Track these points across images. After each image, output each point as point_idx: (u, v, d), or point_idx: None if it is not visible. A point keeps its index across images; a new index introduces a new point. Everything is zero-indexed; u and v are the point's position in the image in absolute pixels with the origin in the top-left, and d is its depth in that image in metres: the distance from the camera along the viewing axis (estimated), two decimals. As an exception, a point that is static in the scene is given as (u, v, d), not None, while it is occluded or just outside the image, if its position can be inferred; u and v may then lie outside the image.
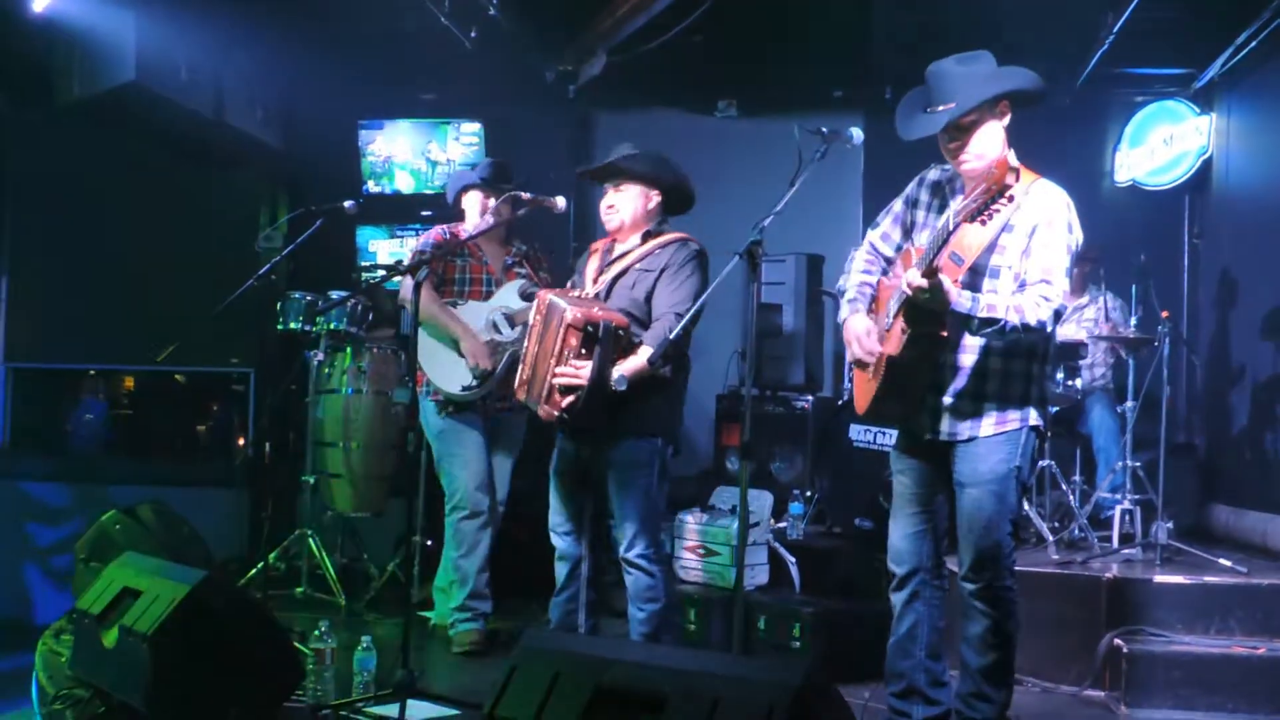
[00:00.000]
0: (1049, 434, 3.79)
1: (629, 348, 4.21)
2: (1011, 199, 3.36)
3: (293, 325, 6.30)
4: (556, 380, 4.16)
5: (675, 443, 4.43)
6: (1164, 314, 5.84)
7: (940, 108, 3.67)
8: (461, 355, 5.20)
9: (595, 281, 4.47)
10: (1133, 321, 5.88)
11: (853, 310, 3.94)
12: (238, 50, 7.09)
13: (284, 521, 6.53)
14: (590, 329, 4.11)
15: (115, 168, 7.83)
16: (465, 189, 5.49)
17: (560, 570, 4.58)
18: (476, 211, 5.40)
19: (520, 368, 4.45)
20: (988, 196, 3.32)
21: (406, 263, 5.33)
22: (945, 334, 3.62)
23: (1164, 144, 7.44)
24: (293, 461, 6.77)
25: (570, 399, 4.16)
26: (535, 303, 4.41)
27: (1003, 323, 3.48)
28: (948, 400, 3.73)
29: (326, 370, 6.33)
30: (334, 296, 6.34)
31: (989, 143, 3.66)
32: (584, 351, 4.12)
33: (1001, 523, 3.69)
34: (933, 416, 3.75)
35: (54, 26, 6.08)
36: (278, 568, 6.16)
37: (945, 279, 3.43)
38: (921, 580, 3.87)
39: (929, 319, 3.56)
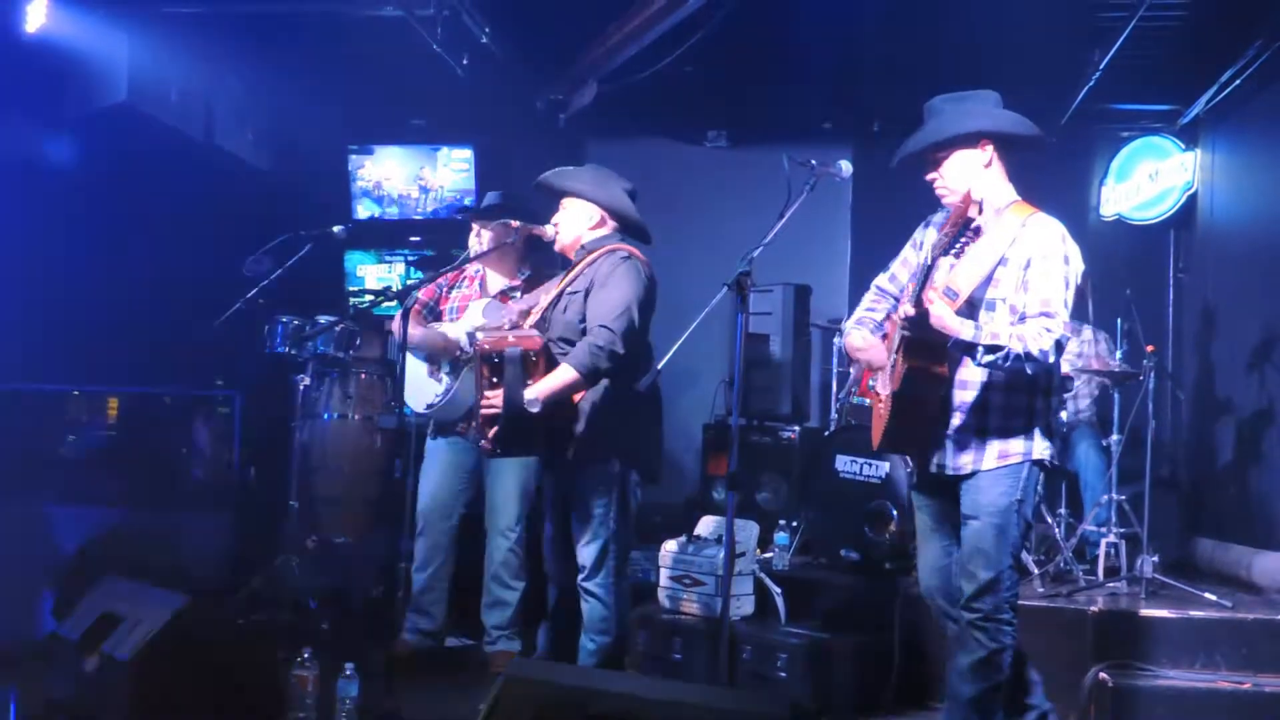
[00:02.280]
0: (1051, 466, 3.81)
1: (551, 368, 4.16)
2: (978, 231, 3.46)
3: (280, 349, 6.28)
4: (482, 412, 4.18)
5: (640, 467, 4.37)
6: (1149, 348, 5.87)
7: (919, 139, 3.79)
8: (430, 375, 5.23)
9: (540, 312, 4.46)
10: (1118, 355, 5.91)
11: (856, 328, 4.02)
12: (229, 73, 7.10)
13: (268, 546, 6.49)
14: (495, 359, 4.11)
15: (104, 187, 7.81)
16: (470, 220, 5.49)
17: (551, 596, 4.57)
18: (474, 242, 5.41)
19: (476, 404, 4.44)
20: (955, 230, 3.42)
21: (395, 290, 5.35)
22: (944, 369, 3.66)
23: (1149, 179, 7.50)
24: (277, 486, 6.73)
25: (494, 430, 4.15)
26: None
27: (1006, 351, 3.51)
28: (951, 435, 3.77)
29: (313, 395, 6.31)
30: (321, 321, 6.33)
31: (960, 176, 3.73)
32: (494, 380, 4.12)
33: (1001, 555, 3.71)
34: (940, 452, 3.80)
35: (46, 46, 6.07)
36: (261, 593, 6.11)
37: (939, 307, 3.50)
38: (945, 613, 3.95)
39: (928, 352, 3.61)
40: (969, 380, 3.73)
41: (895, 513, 5.58)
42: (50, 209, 7.99)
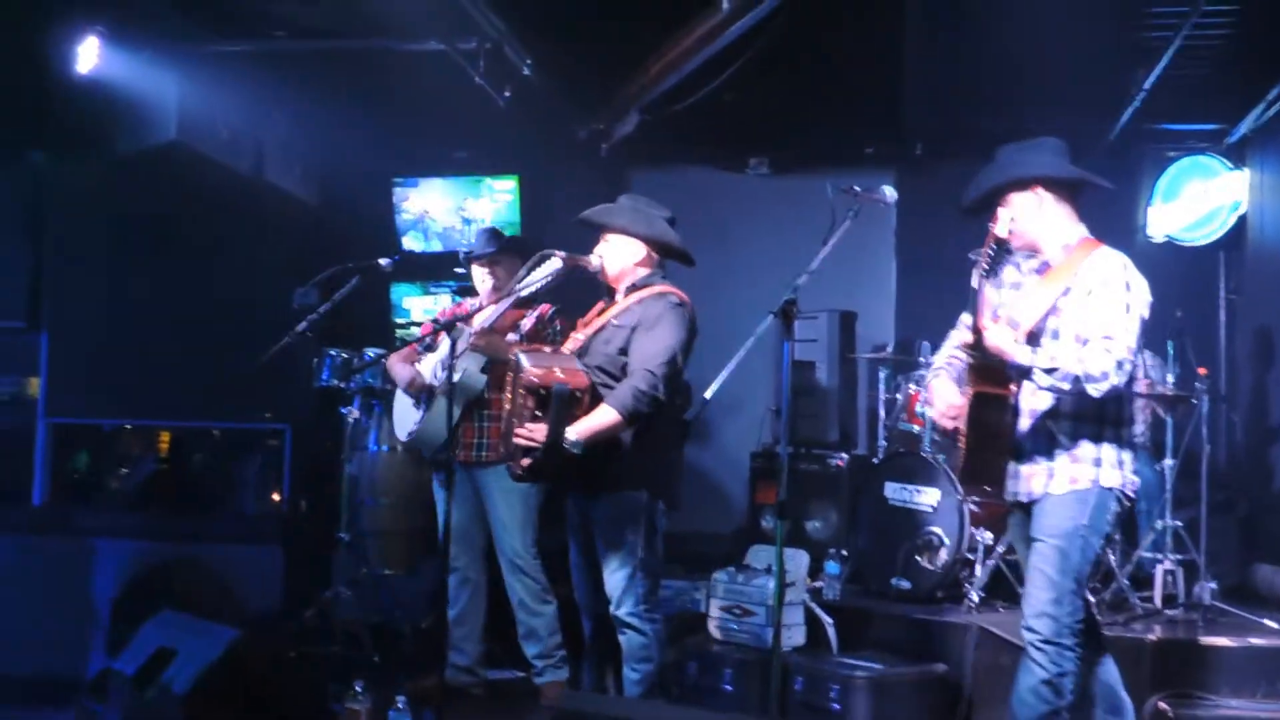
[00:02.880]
0: (1131, 501, 3.82)
1: (593, 407, 4.15)
2: (1045, 266, 3.67)
3: (328, 382, 6.33)
4: (517, 440, 4.14)
5: (667, 497, 4.34)
6: (1201, 371, 5.79)
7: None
8: (415, 409, 5.33)
9: (574, 340, 4.46)
10: (1170, 379, 5.83)
11: (934, 375, 4.04)
12: (277, 109, 7.19)
13: (318, 579, 6.52)
14: (542, 392, 4.07)
15: (157, 224, 7.92)
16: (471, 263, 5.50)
17: (586, 628, 4.56)
18: (478, 283, 5.41)
19: (502, 424, 4.42)
20: (990, 253, 3.62)
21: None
22: (1007, 392, 3.71)
23: (1197, 199, 7.41)
24: (327, 518, 6.77)
25: (528, 460, 4.14)
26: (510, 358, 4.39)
27: (1063, 371, 3.57)
28: (1022, 463, 3.83)
29: (361, 427, 6.35)
30: (369, 354, 6.36)
31: (1022, 220, 3.81)
32: (539, 414, 4.09)
33: (1062, 579, 3.70)
34: (1014, 480, 3.86)
35: (98, 86, 6.18)
36: (311, 625, 6.13)
37: (995, 331, 3.62)
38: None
39: (991, 377, 3.69)
40: (1038, 409, 3.78)
41: (946, 541, 5.52)
42: (101, 245, 8.13)
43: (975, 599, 5.36)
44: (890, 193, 4.09)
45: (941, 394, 3.92)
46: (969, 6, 6.03)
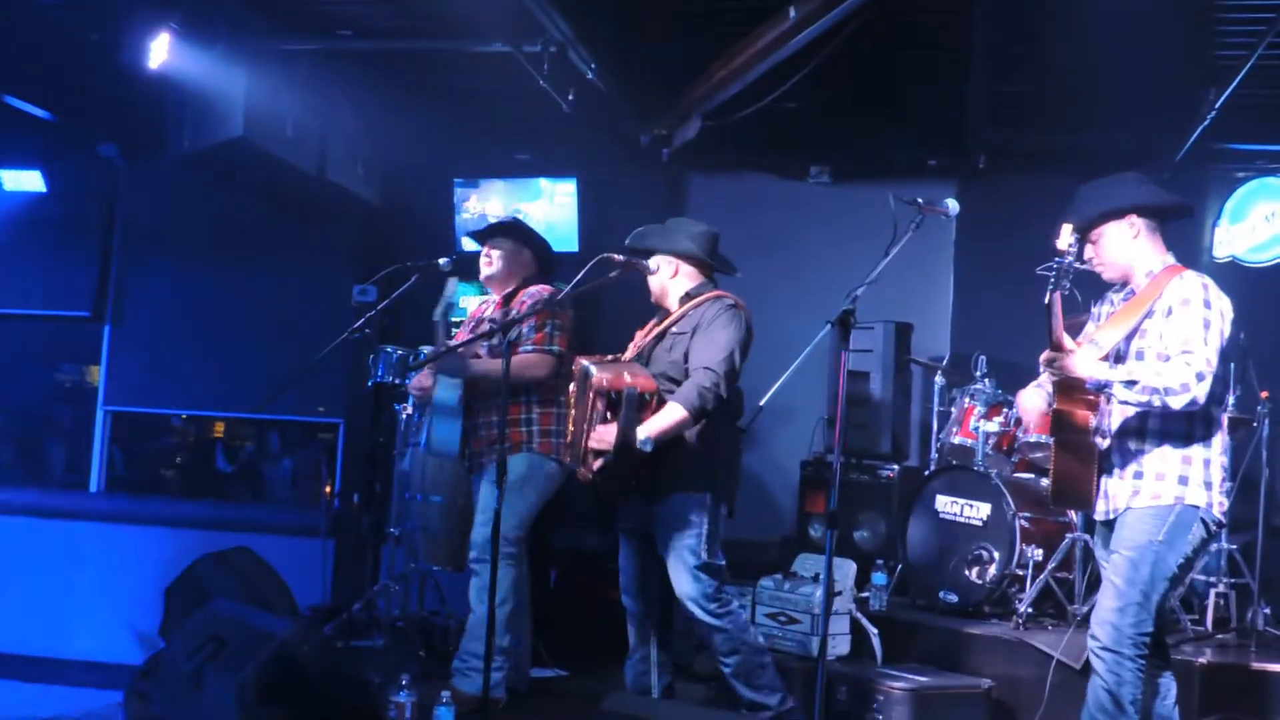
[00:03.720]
0: (1220, 525, 3.82)
1: (660, 408, 4.25)
2: (1131, 293, 3.80)
3: (384, 379, 6.38)
4: (590, 444, 4.26)
5: (726, 500, 4.44)
6: (1263, 394, 5.71)
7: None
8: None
9: (635, 349, 4.59)
10: (1230, 401, 5.75)
11: (1032, 388, 4.17)
12: (341, 108, 7.27)
13: (368, 572, 6.59)
14: (613, 395, 4.19)
15: (220, 219, 8.05)
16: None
17: (630, 631, 4.60)
18: (481, 266, 5.37)
19: (570, 432, 4.54)
20: (1061, 269, 3.67)
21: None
22: (1088, 408, 3.78)
23: (1266, 220, 7.30)
24: (378, 513, 6.83)
25: (600, 462, 4.24)
26: (576, 368, 4.51)
27: (1141, 384, 3.61)
28: (1108, 479, 3.88)
29: (415, 424, 6.40)
30: (425, 352, 6.41)
31: (1114, 250, 3.92)
32: (609, 416, 4.21)
33: (1129, 589, 3.72)
34: (1102, 499, 3.91)
35: (168, 82, 6.28)
36: (361, 618, 6.20)
37: (1071, 349, 3.69)
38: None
39: (1073, 392, 3.76)
40: (1126, 428, 3.83)
41: (996, 556, 5.48)
42: (166, 239, 8.27)
43: (1023, 615, 5.31)
44: (953, 205, 4.08)
45: (1026, 401, 4.12)
46: (1037, 21, 5.98)
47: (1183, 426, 3.76)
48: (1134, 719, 3.73)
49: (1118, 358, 3.81)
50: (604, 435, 4.21)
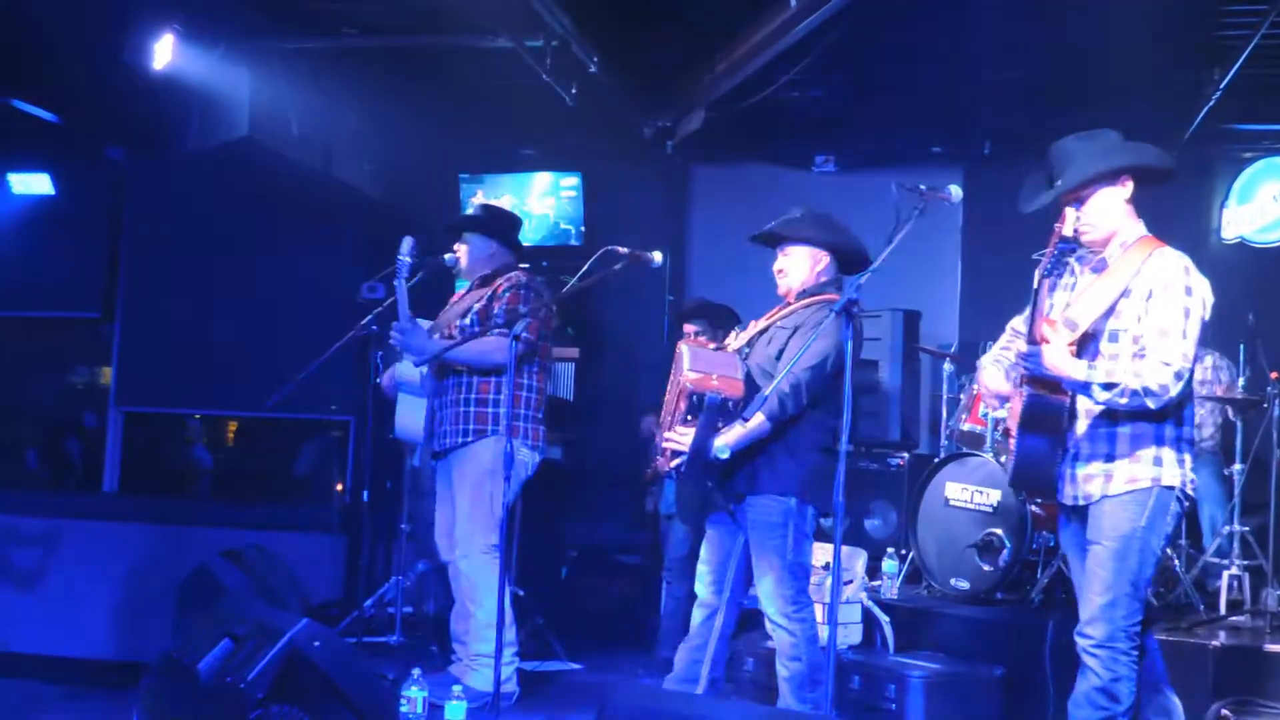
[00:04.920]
0: (1190, 500, 3.74)
1: (741, 409, 4.17)
2: (1103, 264, 3.51)
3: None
4: (666, 442, 4.25)
5: (817, 502, 4.34)
6: (1273, 374, 5.69)
7: (1057, 183, 3.74)
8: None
9: (739, 338, 4.52)
10: (1240, 382, 5.74)
11: (992, 364, 3.97)
12: (346, 106, 7.29)
13: (380, 568, 6.60)
14: (695, 398, 4.15)
15: (227, 219, 8.08)
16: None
17: (695, 617, 4.57)
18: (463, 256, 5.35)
19: (665, 414, 4.47)
20: (1055, 251, 3.51)
21: None
22: (1064, 395, 3.63)
23: (1273, 201, 7.30)
24: (389, 508, 6.85)
25: (675, 461, 4.24)
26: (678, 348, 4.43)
27: (1122, 388, 3.48)
28: (1079, 465, 3.72)
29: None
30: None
31: (1105, 213, 3.70)
32: (689, 417, 4.18)
33: (1119, 582, 3.62)
34: (1070, 483, 3.75)
35: (173, 83, 6.30)
36: (373, 614, 6.22)
37: (1052, 348, 3.53)
38: None
39: (1047, 382, 3.60)
40: (1094, 410, 3.67)
41: (1007, 543, 5.47)
42: (174, 239, 8.30)
43: (1035, 601, 5.30)
44: (956, 192, 4.03)
45: (989, 379, 3.93)
46: (1038, 4, 5.97)
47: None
48: (1129, 705, 3.66)
49: (1091, 338, 3.63)
50: (681, 437, 4.19)
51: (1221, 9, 5.92)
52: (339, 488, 7.97)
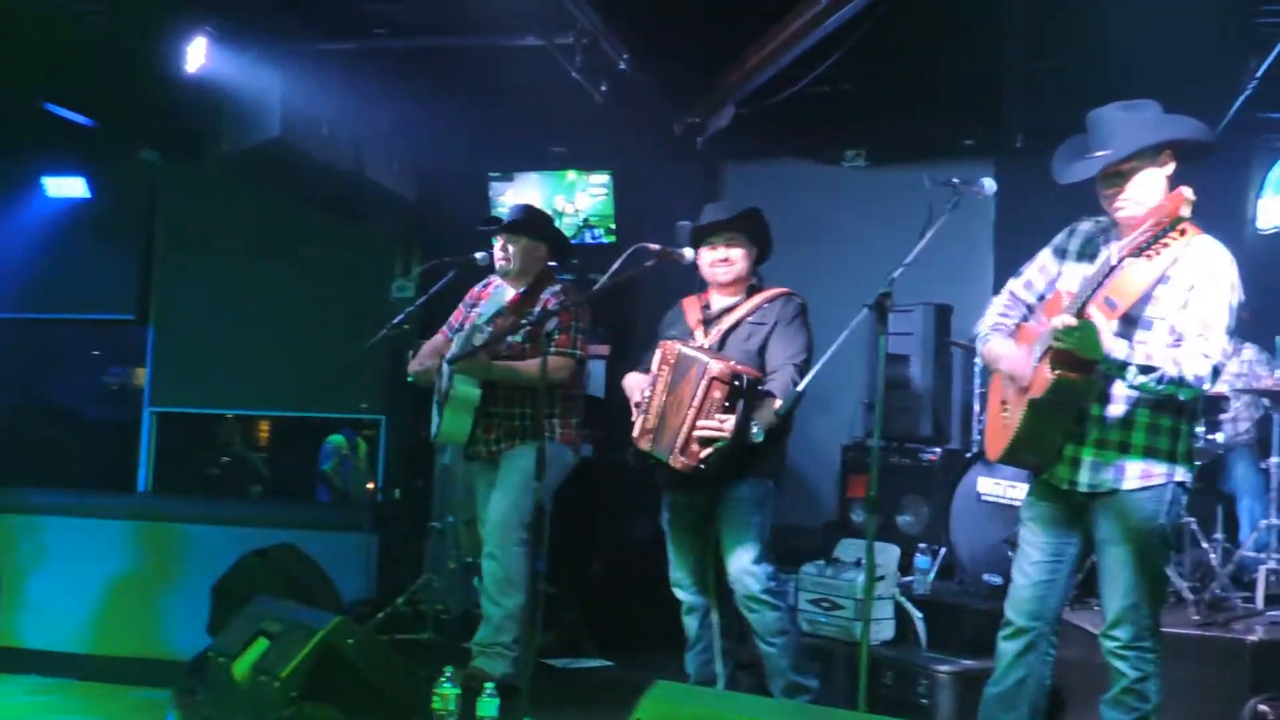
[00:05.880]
0: (1190, 490, 3.68)
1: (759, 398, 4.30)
2: (1184, 232, 3.30)
3: (424, 374, 6.40)
4: (700, 433, 4.23)
5: (779, 482, 4.62)
6: (1311, 366, 5.62)
7: (1098, 153, 3.60)
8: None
9: (706, 335, 4.56)
10: (1277, 373, 5.67)
11: (995, 333, 3.85)
12: (376, 106, 7.32)
13: (411, 566, 6.62)
14: (736, 383, 4.19)
15: (259, 219, 8.13)
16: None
17: (690, 624, 4.63)
18: (497, 253, 5.33)
19: (643, 417, 4.48)
20: (1157, 230, 3.25)
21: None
22: (1094, 380, 3.52)
23: (1310, 191, 7.20)
24: (421, 507, 6.87)
25: (709, 450, 4.23)
26: (660, 352, 4.46)
27: (1160, 373, 3.38)
28: (1092, 450, 3.61)
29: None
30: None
31: (1148, 190, 3.58)
32: (727, 405, 4.20)
33: (1142, 582, 3.57)
34: (1073, 467, 3.64)
35: (205, 85, 6.34)
36: (404, 612, 6.24)
37: (1100, 320, 3.37)
38: (1039, 634, 3.77)
39: (1078, 364, 3.45)
40: (1115, 394, 3.58)
41: (1041, 537, 5.42)
42: (207, 241, 8.36)
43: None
44: (989, 184, 4.01)
45: (1004, 351, 3.74)
46: (1071, -6, 5.93)
47: (1176, 399, 3.52)
48: (1157, 703, 3.61)
49: (1129, 322, 3.51)
50: (723, 424, 4.21)
51: (1260, -3, 5.85)
52: (370, 486, 8.01)
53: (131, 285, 8.46)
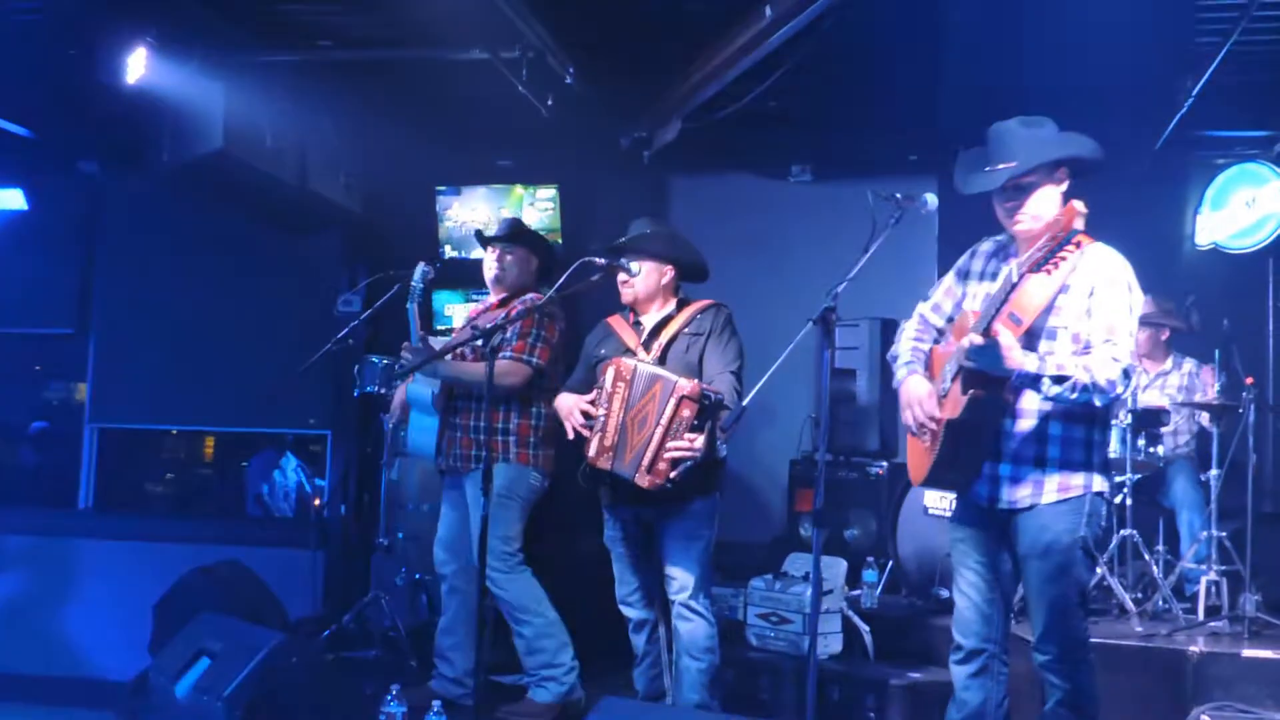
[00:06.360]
0: (1117, 501, 3.74)
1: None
2: (1079, 245, 3.36)
3: (369, 389, 6.36)
4: (671, 454, 4.20)
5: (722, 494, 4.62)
6: (1248, 380, 5.71)
7: (1000, 166, 3.68)
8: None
9: (648, 351, 4.55)
10: (1216, 388, 5.76)
11: (910, 372, 3.89)
12: (321, 119, 7.26)
13: (358, 583, 6.57)
14: (706, 402, 4.21)
15: (202, 233, 8.04)
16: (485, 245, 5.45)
17: (637, 641, 4.63)
18: (486, 268, 5.36)
19: (599, 435, 4.42)
20: (1054, 244, 3.32)
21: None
22: (1009, 395, 3.57)
23: (1246, 207, 7.32)
24: (367, 523, 6.81)
25: (678, 471, 4.21)
26: (612, 369, 4.43)
27: (1073, 382, 3.43)
28: (1007, 467, 3.66)
29: (401, 434, 6.38)
30: (406, 359, 6.40)
31: (1045, 205, 3.66)
32: (696, 424, 4.20)
33: (1069, 592, 3.62)
34: (992, 484, 3.69)
35: (146, 96, 6.26)
36: (352, 630, 6.18)
37: (1007, 337, 3.40)
38: (990, 655, 3.80)
39: (990, 382, 3.50)
40: (1027, 409, 3.63)
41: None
42: (148, 253, 8.26)
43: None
44: (931, 200, 4.04)
45: (918, 394, 3.76)
46: (1011, 11, 5.99)
47: (1086, 408, 3.56)
48: (1092, 713, 3.65)
49: (1032, 335, 3.56)
50: (694, 443, 4.19)
51: (1194, 14, 5.94)
52: (316, 502, 7.93)
53: (72, 298, 8.35)
